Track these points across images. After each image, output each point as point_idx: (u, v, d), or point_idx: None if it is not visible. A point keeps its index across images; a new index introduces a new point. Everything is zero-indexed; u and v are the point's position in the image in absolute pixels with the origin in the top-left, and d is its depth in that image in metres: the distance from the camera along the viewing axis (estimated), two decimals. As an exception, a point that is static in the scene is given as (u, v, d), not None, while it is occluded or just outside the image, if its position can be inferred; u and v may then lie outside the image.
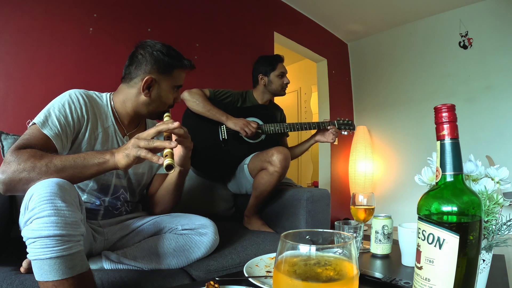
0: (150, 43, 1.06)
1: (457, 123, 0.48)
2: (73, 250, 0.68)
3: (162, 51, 1.04)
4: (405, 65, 3.62)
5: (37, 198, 0.68)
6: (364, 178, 3.65)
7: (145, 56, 1.04)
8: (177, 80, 1.09)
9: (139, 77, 1.04)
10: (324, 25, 3.70)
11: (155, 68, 1.03)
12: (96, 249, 1.00)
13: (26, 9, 1.64)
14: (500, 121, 2.93)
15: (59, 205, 0.68)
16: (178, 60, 1.07)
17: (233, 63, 2.66)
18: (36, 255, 0.66)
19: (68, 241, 0.68)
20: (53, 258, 0.65)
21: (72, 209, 0.70)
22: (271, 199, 1.57)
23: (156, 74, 1.04)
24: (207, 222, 1.08)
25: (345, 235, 0.42)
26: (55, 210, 0.67)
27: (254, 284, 0.69)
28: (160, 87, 1.06)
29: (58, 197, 0.69)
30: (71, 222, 0.69)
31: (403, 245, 0.88)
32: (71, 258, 0.68)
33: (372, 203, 1.10)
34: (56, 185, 0.70)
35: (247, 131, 1.57)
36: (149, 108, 1.07)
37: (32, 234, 0.66)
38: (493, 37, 2.99)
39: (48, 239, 0.65)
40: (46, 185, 0.70)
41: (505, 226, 0.63)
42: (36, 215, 0.67)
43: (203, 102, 1.59)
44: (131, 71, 1.05)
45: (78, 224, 0.71)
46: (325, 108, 3.75)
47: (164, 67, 1.04)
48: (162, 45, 1.06)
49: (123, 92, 1.07)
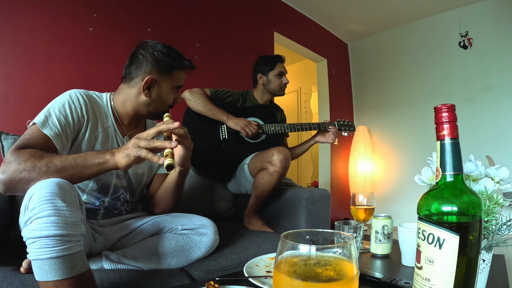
0: (151, 43, 1.06)
1: (457, 123, 0.48)
2: (73, 250, 0.68)
3: (163, 51, 1.04)
4: (405, 65, 3.62)
5: (37, 198, 0.68)
6: (364, 178, 3.65)
7: (146, 56, 1.03)
8: (177, 81, 1.08)
9: (139, 77, 1.03)
10: (324, 25, 3.70)
11: (155, 68, 1.03)
12: (96, 249, 1.00)
13: (26, 9, 1.64)
14: (500, 121, 2.93)
15: (59, 205, 0.68)
16: (179, 61, 1.07)
17: (233, 63, 2.66)
18: (36, 255, 0.66)
19: (68, 241, 0.68)
20: (53, 258, 0.65)
21: (72, 209, 0.70)
22: (271, 199, 1.57)
23: (157, 74, 1.04)
24: (207, 222, 1.08)
25: (345, 235, 0.42)
26: (55, 210, 0.67)
27: (254, 284, 0.69)
28: (161, 87, 1.05)
29: (58, 197, 0.69)
30: (71, 222, 0.69)
31: (403, 245, 0.88)
32: (71, 258, 0.68)
33: (372, 203, 1.10)
34: (56, 185, 0.70)
35: (247, 132, 1.57)
36: (149, 108, 1.07)
37: (32, 234, 0.66)
38: (493, 37, 2.99)
39: (48, 239, 0.65)
40: (46, 185, 0.70)
41: (505, 226, 0.63)
42: (36, 215, 0.67)
43: (204, 102, 1.59)
44: (131, 71, 1.05)
45: (78, 224, 0.71)
46: (325, 108, 3.75)
47: (164, 68, 1.04)
48: (163, 46, 1.06)
49: (123, 92, 1.07)
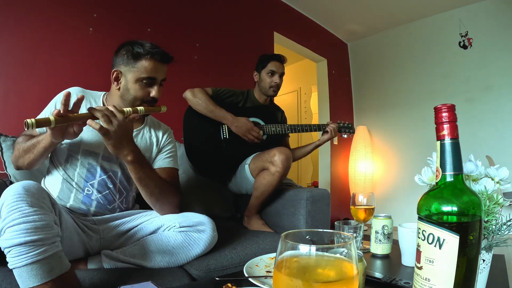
0: (139, 41, 1.08)
1: (457, 123, 0.48)
2: (49, 253, 0.69)
3: (136, 44, 1.06)
4: (405, 65, 3.62)
5: (5, 207, 0.69)
6: (364, 178, 3.65)
7: (121, 51, 1.07)
8: (142, 72, 1.05)
9: (111, 71, 1.08)
10: (324, 25, 3.70)
11: (124, 61, 1.06)
12: (92, 248, 1.00)
13: (26, 9, 1.64)
14: (500, 121, 2.93)
15: (26, 211, 0.69)
16: (145, 50, 1.05)
17: (233, 63, 2.65)
18: (13, 263, 0.67)
19: (41, 245, 0.68)
20: (28, 264, 0.66)
21: (40, 212, 0.71)
22: (271, 199, 1.56)
23: (123, 66, 1.06)
24: (205, 219, 1.08)
25: (345, 235, 0.42)
26: (23, 217, 0.68)
27: (254, 284, 0.69)
28: (126, 78, 1.07)
29: (25, 203, 0.70)
30: (41, 226, 0.69)
31: (403, 245, 0.88)
32: (47, 262, 0.68)
33: (372, 203, 1.10)
34: (22, 189, 0.71)
35: (249, 138, 1.57)
36: (124, 101, 1.09)
37: (6, 243, 0.67)
38: (493, 37, 2.99)
39: (21, 247, 0.66)
40: (12, 192, 0.71)
41: (505, 226, 0.62)
42: (7, 224, 0.68)
43: (206, 102, 1.58)
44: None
45: (50, 226, 0.72)
46: (325, 108, 3.75)
47: (129, 58, 1.05)
48: (143, 42, 1.07)
49: (111, 89, 1.13)
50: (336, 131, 1.76)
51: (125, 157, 0.96)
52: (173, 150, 1.23)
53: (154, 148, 1.19)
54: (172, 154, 1.22)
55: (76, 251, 0.95)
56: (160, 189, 1.06)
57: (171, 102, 1.39)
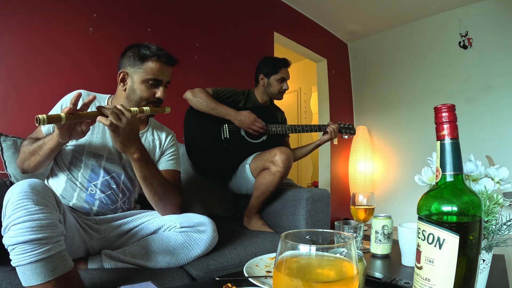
0: (139, 43, 1.10)
1: (457, 123, 0.48)
2: (53, 252, 0.69)
3: (142, 46, 1.08)
4: (405, 65, 3.62)
5: (11, 204, 0.69)
6: (364, 178, 3.65)
7: (127, 53, 1.09)
8: (148, 73, 1.07)
9: (118, 73, 1.10)
10: (324, 25, 3.70)
11: (130, 62, 1.08)
12: (93, 247, 1.00)
13: (26, 9, 1.64)
14: (500, 121, 2.93)
15: (32, 209, 0.69)
16: (151, 52, 1.07)
17: (233, 63, 2.65)
18: (17, 261, 0.67)
19: (46, 244, 0.68)
20: (32, 262, 0.66)
21: (46, 210, 0.71)
22: (271, 199, 1.56)
23: (130, 67, 1.08)
24: (205, 220, 1.08)
25: (345, 235, 0.42)
26: (29, 215, 0.68)
27: (254, 284, 0.69)
28: (133, 79, 1.09)
29: (31, 201, 0.70)
30: (46, 224, 0.69)
31: (403, 245, 0.88)
32: (51, 260, 0.68)
33: (372, 203, 1.10)
34: (28, 187, 0.71)
35: (254, 129, 1.57)
36: (130, 102, 1.10)
37: (10, 241, 0.67)
38: (493, 37, 2.99)
39: (26, 245, 0.66)
40: (18, 190, 0.71)
41: (505, 226, 0.63)
42: (12, 222, 0.68)
43: (207, 101, 1.58)
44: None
45: (55, 224, 0.72)
46: (325, 108, 3.75)
47: (136, 60, 1.07)
48: (149, 45, 1.09)
49: (117, 91, 1.14)
50: (336, 132, 1.77)
51: (132, 154, 0.97)
52: (175, 152, 1.24)
53: (157, 150, 1.20)
54: (175, 156, 1.23)
55: (77, 251, 0.95)
56: (164, 188, 1.07)
57: (171, 102, 1.39)
